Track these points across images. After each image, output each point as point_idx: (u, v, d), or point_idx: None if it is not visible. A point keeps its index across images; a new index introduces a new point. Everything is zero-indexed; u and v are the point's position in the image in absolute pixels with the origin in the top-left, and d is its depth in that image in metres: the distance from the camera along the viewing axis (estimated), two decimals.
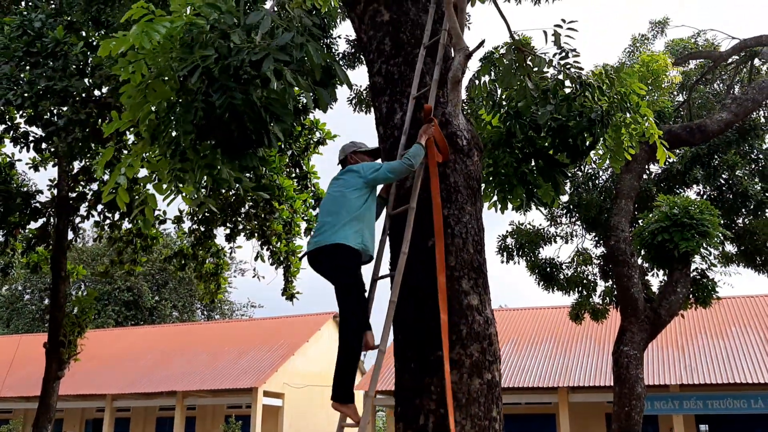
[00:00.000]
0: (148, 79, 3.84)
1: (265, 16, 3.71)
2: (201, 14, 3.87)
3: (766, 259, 14.29)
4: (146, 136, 3.94)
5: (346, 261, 4.11)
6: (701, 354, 19.35)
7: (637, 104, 5.37)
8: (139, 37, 3.48)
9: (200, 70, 3.59)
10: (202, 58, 3.60)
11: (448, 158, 4.33)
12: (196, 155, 3.86)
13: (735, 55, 13.41)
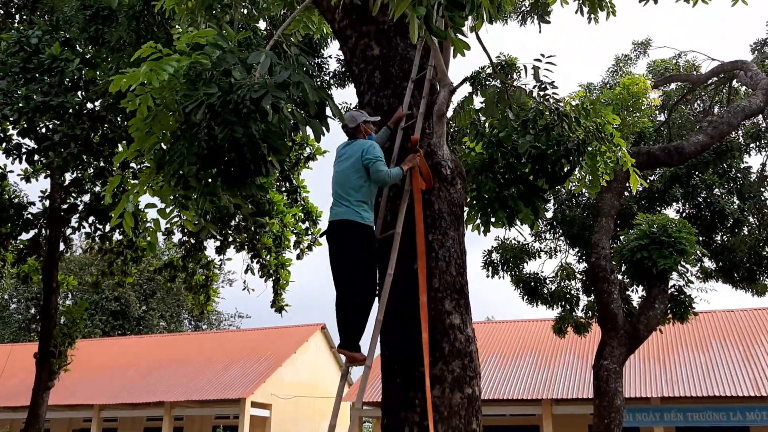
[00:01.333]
0: (155, 112, 4.13)
1: (265, 57, 4.02)
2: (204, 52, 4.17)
3: (743, 275, 14.70)
4: (152, 165, 4.22)
5: (362, 237, 4.47)
6: (682, 367, 19.73)
7: (611, 134, 5.71)
8: (148, 75, 3.77)
9: (205, 106, 3.88)
10: (207, 94, 3.90)
11: (432, 186, 4.64)
12: (198, 183, 4.15)
13: (713, 77, 13.86)
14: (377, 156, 4.50)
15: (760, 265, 14.57)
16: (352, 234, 4.51)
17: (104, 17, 9.74)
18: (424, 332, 4.22)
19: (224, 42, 4.16)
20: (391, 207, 4.75)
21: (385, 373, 4.55)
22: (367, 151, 4.52)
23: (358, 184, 4.55)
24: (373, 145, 4.57)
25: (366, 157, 4.50)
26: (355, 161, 4.57)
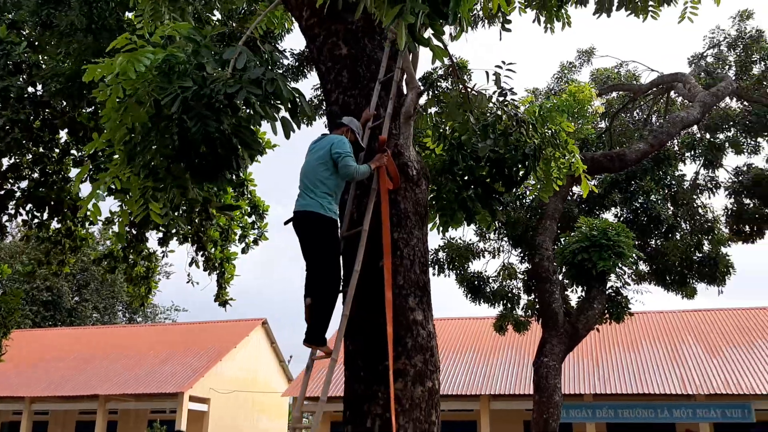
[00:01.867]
0: (126, 103, 4.12)
1: (241, 53, 4.06)
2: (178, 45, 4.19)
3: (675, 278, 15.37)
4: (122, 156, 4.21)
5: (326, 230, 4.58)
6: (614, 366, 20.50)
7: (566, 141, 5.96)
8: (124, 66, 3.77)
9: (180, 99, 3.90)
10: (182, 88, 3.91)
11: (399, 186, 4.77)
12: (169, 176, 4.16)
13: (654, 88, 14.45)
14: (346, 151, 4.59)
15: (690, 269, 15.27)
16: (316, 226, 4.60)
17: (56, 1, 9.49)
18: (389, 327, 4.35)
19: (199, 36, 4.18)
20: (357, 204, 4.86)
21: (349, 367, 4.65)
22: (336, 145, 4.61)
23: (324, 176, 4.62)
24: (342, 139, 4.66)
25: (335, 151, 4.58)
26: (324, 154, 4.64)
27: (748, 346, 20.99)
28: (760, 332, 21.79)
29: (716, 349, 20.93)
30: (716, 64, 15.68)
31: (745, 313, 23.38)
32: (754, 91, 15.03)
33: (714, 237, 15.41)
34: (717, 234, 15.50)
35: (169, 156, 4.09)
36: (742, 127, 15.52)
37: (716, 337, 21.73)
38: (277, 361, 29.28)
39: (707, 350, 20.94)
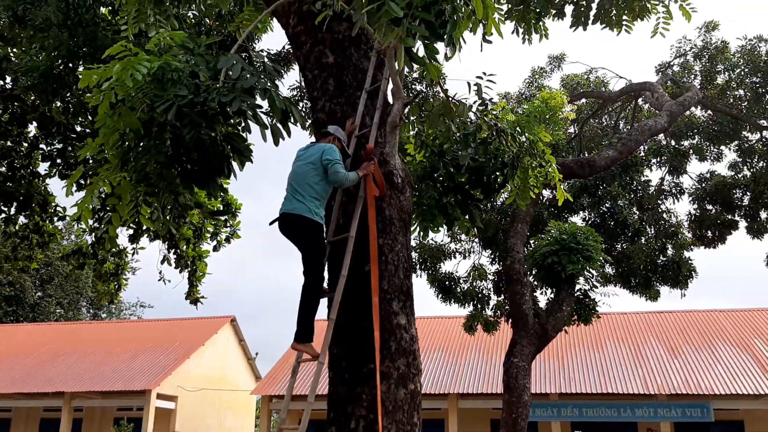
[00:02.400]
0: (120, 109, 4.18)
1: (236, 63, 4.15)
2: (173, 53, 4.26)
3: (639, 281, 15.79)
4: (114, 161, 4.27)
5: (313, 233, 4.74)
6: (579, 366, 20.94)
7: (543, 151, 6.16)
8: (122, 74, 3.83)
9: (175, 107, 3.98)
10: (177, 96, 3.99)
11: (385, 193, 4.90)
12: (162, 181, 4.24)
13: (623, 96, 14.82)
14: (336, 159, 4.72)
15: (654, 272, 15.70)
16: (304, 229, 4.73)
17: None
18: (376, 331, 4.48)
19: (193, 44, 4.26)
20: (343, 211, 4.98)
21: (333, 369, 4.77)
22: (327, 153, 4.73)
23: (314, 181, 4.75)
24: (333, 147, 4.79)
25: (326, 158, 4.71)
26: (315, 160, 4.77)
27: (708, 347, 21.62)
28: (719, 334, 22.45)
29: (677, 350, 21.51)
30: (682, 73, 16.11)
31: (705, 315, 24.07)
32: (718, 101, 15.50)
33: (677, 241, 15.88)
34: (680, 239, 15.98)
35: (162, 162, 4.17)
36: (706, 135, 16.00)
37: (677, 339, 22.34)
38: (245, 358, 29.21)
39: (669, 351, 21.52)
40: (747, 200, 15.84)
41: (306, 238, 4.75)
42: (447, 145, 5.88)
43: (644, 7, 7.10)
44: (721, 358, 20.79)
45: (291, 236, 4.83)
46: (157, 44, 4.18)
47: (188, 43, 4.25)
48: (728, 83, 15.67)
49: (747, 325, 23.00)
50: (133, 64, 3.92)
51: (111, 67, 4.01)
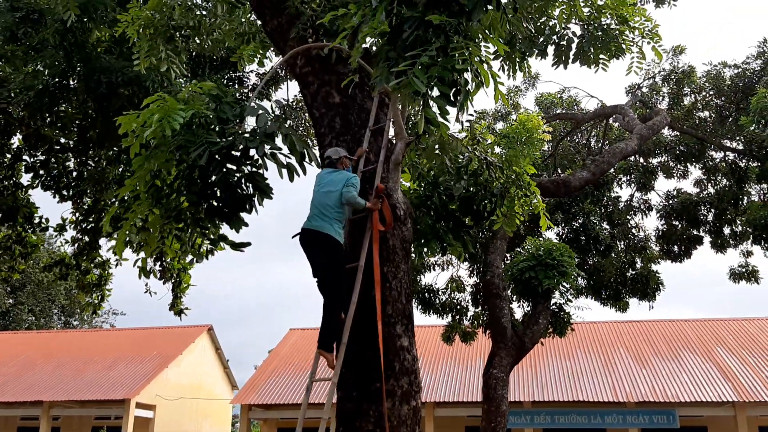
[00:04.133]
0: (152, 153, 4.61)
1: (261, 113, 4.60)
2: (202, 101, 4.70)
3: (610, 293, 16.49)
4: (144, 198, 4.68)
5: (336, 251, 5.21)
6: (551, 374, 21.60)
7: (528, 183, 6.69)
8: (160, 126, 4.26)
9: (207, 153, 4.41)
10: (210, 143, 4.43)
11: (392, 226, 5.38)
12: (191, 217, 4.66)
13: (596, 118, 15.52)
14: (357, 186, 5.24)
15: (624, 285, 16.43)
16: (329, 247, 5.20)
17: (34, 21, 9.72)
18: (381, 353, 4.94)
19: (221, 93, 4.70)
20: (351, 242, 5.43)
21: (342, 387, 5.21)
22: (350, 181, 5.24)
23: (337, 205, 5.23)
24: (356, 177, 5.33)
25: (348, 183, 5.22)
26: (339, 184, 5.24)
27: (674, 356, 22.46)
28: (684, 343, 23.32)
29: (645, 359, 22.31)
30: (651, 95, 16.88)
31: (672, 324, 24.94)
32: (684, 122, 16.28)
33: (646, 255, 16.63)
34: (648, 253, 16.73)
35: (193, 200, 4.59)
36: (673, 154, 16.78)
37: (645, 348, 23.14)
38: (221, 367, 29.38)
39: (637, 360, 22.30)
40: (711, 216, 16.64)
41: (329, 255, 5.20)
42: (442, 178, 6.37)
43: (620, 48, 7.71)
44: (686, 367, 21.63)
45: (312, 250, 5.28)
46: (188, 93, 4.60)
47: (215, 91, 4.68)
48: (694, 105, 16.48)
49: (710, 334, 23.92)
50: (170, 113, 4.35)
51: (147, 114, 4.43)
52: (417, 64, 3.45)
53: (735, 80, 15.58)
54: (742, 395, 19.59)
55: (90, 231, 15.76)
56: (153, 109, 4.47)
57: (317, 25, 5.93)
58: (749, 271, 16.60)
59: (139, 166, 4.55)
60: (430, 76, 3.48)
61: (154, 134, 4.29)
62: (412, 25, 3.65)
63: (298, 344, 25.94)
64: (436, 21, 3.44)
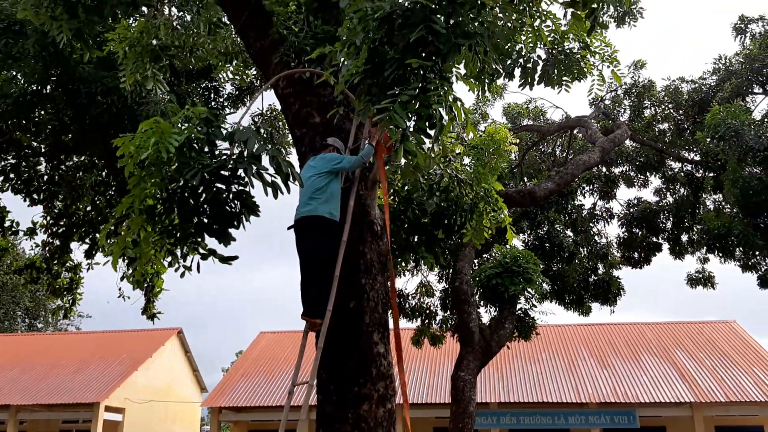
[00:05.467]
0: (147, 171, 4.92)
1: (251, 136, 4.95)
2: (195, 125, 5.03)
3: (573, 298, 17.10)
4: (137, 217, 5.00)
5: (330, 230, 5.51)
6: (517, 376, 22.20)
7: (496, 199, 7.14)
8: (155, 149, 4.59)
9: (201, 174, 4.74)
10: (202, 165, 4.76)
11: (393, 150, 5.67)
12: (183, 234, 4.99)
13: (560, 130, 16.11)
14: (339, 158, 5.64)
15: (587, 290, 17.06)
16: (323, 226, 5.51)
17: (15, 31, 9.88)
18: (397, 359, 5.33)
19: (213, 118, 5.04)
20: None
21: (322, 392, 5.57)
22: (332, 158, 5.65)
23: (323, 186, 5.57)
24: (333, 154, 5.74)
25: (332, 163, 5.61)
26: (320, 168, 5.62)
27: (634, 358, 23.23)
28: (644, 346, 24.13)
29: (606, 361, 23.04)
30: (613, 107, 17.55)
31: (632, 327, 25.75)
32: (644, 133, 16.97)
33: (607, 262, 17.28)
34: (610, 259, 17.39)
35: (185, 217, 4.91)
36: (633, 164, 17.47)
37: (607, 350, 23.89)
38: (191, 369, 29.43)
39: (599, 362, 23.02)
40: (670, 224, 17.36)
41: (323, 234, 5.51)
42: (416, 194, 6.78)
43: (581, 71, 8.20)
44: (645, 368, 22.41)
45: (305, 236, 5.58)
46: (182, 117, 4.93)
47: (209, 116, 5.02)
48: (654, 117, 17.19)
49: (669, 336, 24.77)
50: (166, 137, 4.67)
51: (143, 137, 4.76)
52: (397, 102, 3.85)
53: (692, 95, 16.31)
54: (699, 396, 20.41)
55: (61, 235, 15.82)
56: (148, 132, 4.79)
57: (299, 50, 6.29)
58: (705, 277, 17.36)
59: (135, 185, 4.86)
60: (410, 111, 3.87)
61: (150, 157, 4.60)
62: (392, 65, 4.04)
63: (268, 347, 26.16)
64: (415, 65, 3.83)
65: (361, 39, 4.17)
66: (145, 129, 4.84)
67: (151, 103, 10.42)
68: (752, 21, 15.90)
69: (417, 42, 3.98)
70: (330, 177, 5.64)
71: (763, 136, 12.33)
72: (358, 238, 5.75)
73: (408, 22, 3.95)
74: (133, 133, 4.94)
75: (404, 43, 3.98)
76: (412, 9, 3.89)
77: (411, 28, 3.91)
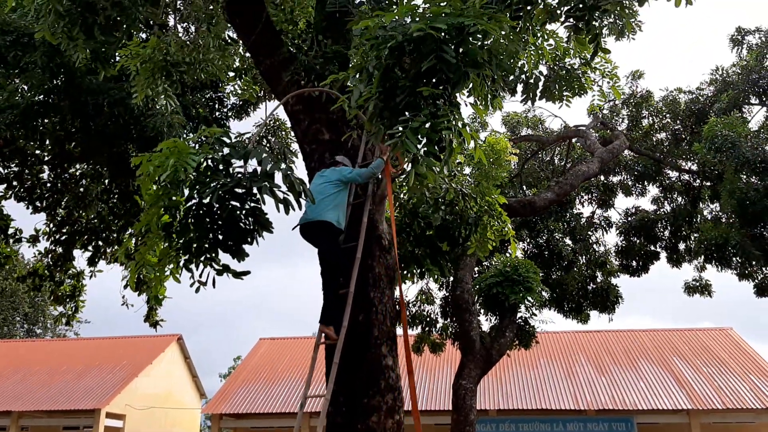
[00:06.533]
0: (164, 189, 5.08)
1: (266, 156, 5.11)
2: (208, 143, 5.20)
3: (572, 306, 17.26)
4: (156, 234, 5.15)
5: (335, 236, 5.79)
6: (516, 383, 22.34)
7: (500, 213, 7.31)
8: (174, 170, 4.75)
9: (217, 193, 4.91)
10: (219, 184, 4.92)
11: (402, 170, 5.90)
12: (199, 250, 5.14)
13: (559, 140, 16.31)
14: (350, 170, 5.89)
15: (585, 298, 17.22)
16: (327, 231, 5.75)
17: (24, 44, 10.03)
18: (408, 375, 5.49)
19: (228, 138, 5.20)
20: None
21: (333, 403, 5.72)
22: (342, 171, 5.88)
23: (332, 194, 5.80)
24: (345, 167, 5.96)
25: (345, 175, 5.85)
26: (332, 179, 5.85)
27: (632, 365, 23.40)
28: (642, 353, 24.29)
29: (605, 368, 23.20)
30: (611, 117, 17.76)
31: (630, 334, 25.92)
32: (642, 143, 17.17)
33: (606, 270, 17.45)
34: (608, 267, 17.56)
35: (201, 234, 5.07)
36: (631, 173, 17.66)
37: (605, 357, 24.05)
38: (191, 376, 29.52)
39: (597, 369, 23.18)
40: (667, 233, 17.54)
41: (328, 239, 5.77)
42: (421, 208, 6.95)
43: (582, 86, 8.39)
44: (643, 375, 22.57)
45: (313, 238, 5.84)
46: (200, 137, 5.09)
47: (224, 138, 5.18)
48: (652, 127, 17.39)
49: (666, 344, 24.94)
50: (184, 158, 4.83)
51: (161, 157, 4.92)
52: (408, 128, 4.02)
53: (689, 105, 16.51)
54: (696, 403, 20.58)
55: (64, 242, 15.95)
56: (166, 152, 4.95)
57: (309, 68, 6.46)
58: (702, 285, 17.52)
59: (152, 204, 5.02)
60: (421, 134, 4.04)
61: (169, 177, 4.76)
62: (403, 91, 4.21)
63: (268, 354, 26.27)
64: (426, 93, 4.00)
65: (373, 65, 4.34)
66: (162, 149, 5.01)
67: (158, 115, 10.58)
68: (749, 32, 16.12)
69: (428, 70, 4.15)
70: (340, 187, 5.86)
71: (759, 147, 12.54)
72: (367, 252, 5.91)
73: (419, 51, 4.12)
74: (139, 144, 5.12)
75: (415, 70, 4.15)
76: (422, 38, 4.05)
77: (422, 57, 4.08)
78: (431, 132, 4.05)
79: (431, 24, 3.95)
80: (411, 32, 3.89)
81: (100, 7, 5.72)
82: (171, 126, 10.24)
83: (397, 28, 4.13)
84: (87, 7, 5.64)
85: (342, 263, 5.76)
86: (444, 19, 4.02)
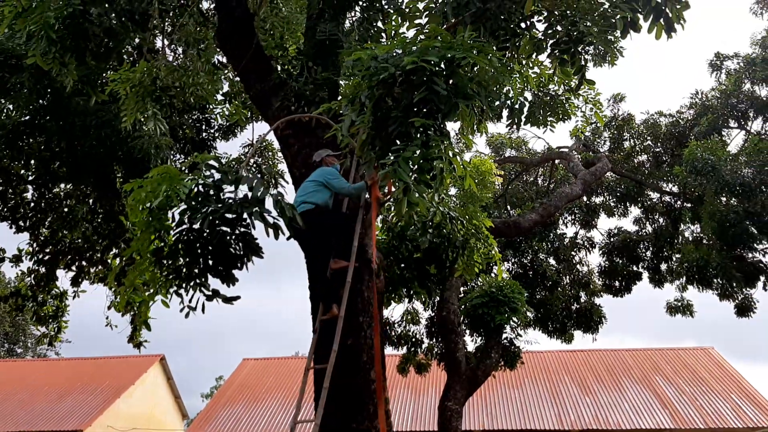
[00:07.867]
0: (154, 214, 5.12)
1: (257, 182, 5.17)
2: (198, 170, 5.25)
3: (556, 326, 17.37)
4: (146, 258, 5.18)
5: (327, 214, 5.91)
6: (500, 403, 22.36)
7: (486, 236, 7.41)
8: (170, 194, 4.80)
9: (209, 219, 4.96)
10: (212, 210, 4.97)
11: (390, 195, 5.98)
12: (190, 275, 5.17)
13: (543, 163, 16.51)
14: (336, 176, 5.99)
15: (569, 318, 17.34)
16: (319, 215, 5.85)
17: (11, 66, 10.04)
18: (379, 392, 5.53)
19: (220, 164, 5.26)
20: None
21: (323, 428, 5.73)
22: (328, 173, 6.01)
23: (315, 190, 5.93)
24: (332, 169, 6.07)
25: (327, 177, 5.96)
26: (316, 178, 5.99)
27: (615, 385, 23.52)
28: (625, 372, 24.43)
29: (588, 388, 23.29)
30: (593, 139, 18.01)
31: (613, 354, 26.05)
32: (624, 164, 17.42)
33: (589, 290, 17.61)
34: (592, 287, 17.72)
35: (192, 260, 5.11)
36: (614, 194, 17.90)
37: (588, 377, 24.15)
38: (173, 396, 29.21)
39: (581, 389, 23.27)
40: (649, 254, 17.75)
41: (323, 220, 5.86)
42: (409, 231, 7.03)
43: (566, 112, 8.56)
44: (626, 395, 22.68)
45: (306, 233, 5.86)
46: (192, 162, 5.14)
47: (215, 164, 5.24)
48: (633, 149, 17.67)
49: (649, 363, 25.10)
50: (177, 183, 4.88)
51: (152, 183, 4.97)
52: (401, 157, 4.11)
53: (670, 128, 16.81)
54: (678, 423, 20.70)
55: (47, 262, 15.83)
56: (158, 178, 5.01)
57: (299, 94, 6.55)
58: (684, 305, 17.70)
59: (143, 231, 5.05)
60: (412, 164, 4.13)
61: (161, 204, 4.81)
62: (395, 121, 4.30)
63: (252, 375, 26.09)
64: (418, 124, 4.10)
65: (365, 95, 4.43)
66: (154, 175, 5.06)
67: (145, 137, 10.62)
68: (727, 58, 16.48)
69: (419, 101, 4.25)
70: (322, 188, 5.97)
71: (738, 170, 12.79)
72: (356, 276, 5.96)
73: (410, 82, 4.22)
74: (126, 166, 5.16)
75: (407, 101, 4.25)
76: (414, 70, 4.16)
77: (414, 88, 4.18)
78: (423, 161, 4.14)
79: (423, 57, 4.05)
80: (404, 65, 3.99)
81: (92, 34, 5.79)
82: (158, 147, 10.26)
83: (389, 60, 4.23)
84: (79, 33, 5.70)
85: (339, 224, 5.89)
86: (435, 52, 4.12)
